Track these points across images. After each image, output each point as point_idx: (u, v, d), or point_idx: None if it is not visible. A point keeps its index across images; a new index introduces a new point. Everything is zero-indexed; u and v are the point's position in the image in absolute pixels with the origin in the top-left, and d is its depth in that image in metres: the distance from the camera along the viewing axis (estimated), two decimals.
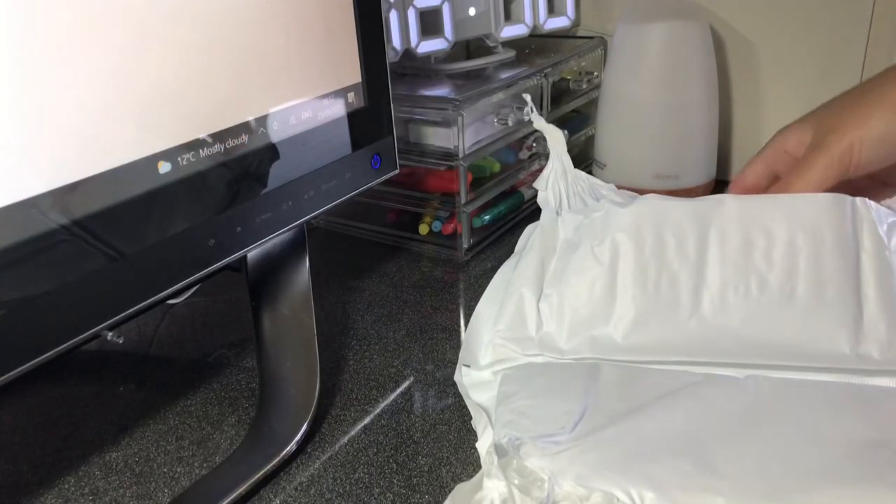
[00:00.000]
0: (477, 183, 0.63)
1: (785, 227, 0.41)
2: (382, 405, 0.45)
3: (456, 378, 0.44)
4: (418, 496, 0.38)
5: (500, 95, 0.61)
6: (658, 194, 0.45)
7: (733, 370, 0.40)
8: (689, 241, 0.42)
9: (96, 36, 0.29)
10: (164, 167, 0.32)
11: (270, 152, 0.38)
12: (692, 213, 0.43)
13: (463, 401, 0.44)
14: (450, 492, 0.36)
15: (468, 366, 0.44)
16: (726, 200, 0.43)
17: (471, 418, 0.43)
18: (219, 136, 0.35)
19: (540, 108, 0.67)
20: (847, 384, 0.39)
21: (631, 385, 0.40)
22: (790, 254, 0.41)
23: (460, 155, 0.58)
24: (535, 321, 0.44)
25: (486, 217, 0.63)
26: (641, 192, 0.66)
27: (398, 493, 0.38)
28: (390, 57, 0.59)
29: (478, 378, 0.43)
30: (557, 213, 0.49)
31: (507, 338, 0.44)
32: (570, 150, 0.52)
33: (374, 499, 0.38)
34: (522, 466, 0.34)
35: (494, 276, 0.48)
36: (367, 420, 0.44)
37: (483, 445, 0.38)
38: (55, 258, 0.29)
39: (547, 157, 0.69)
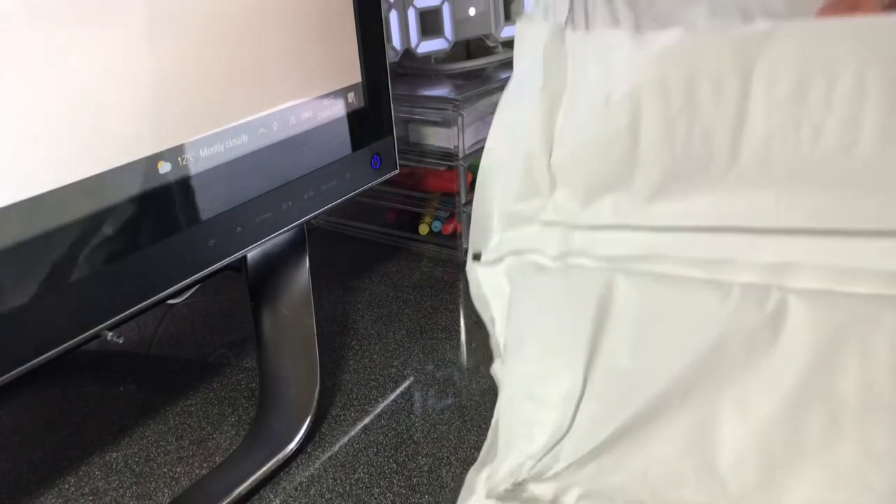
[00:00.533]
0: None
1: (852, 62, 0.33)
2: (382, 405, 0.45)
3: (468, 270, 0.41)
4: (418, 496, 0.38)
5: (499, 95, 0.61)
6: (689, 25, 0.36)
7: (776, 239, 0.34)
8: (729, 87, 0.35)
9: (96, 36, 0.29)
10: (164, 167, 0.32)
11: (270, 152, 0.38)
12: (733, 50, 0.35)
13: (463, 401, 0.44)
14: (450, 492, 0.36)
15: (478, 257, 0.40)
16: (777, 31, 0.34)
17: (470, 417, 0.43)
18: (219, 136, 0.35)
19: None
20: None
21: (649, 325, 0.35)
22: (856, 96, 0.33)
23: (460, 155, 0.58)
24: (548, 183, 0.38)
25: None
26: None
27: (398, 493, 0.38)
28: (390, 57, 0.59)
29: (489, 281, 0.40)
30: (564, 28, 0.39)
31: (516, 210, 0.39)
32: None
33: (374, 499, 0.38)
34: (528, 497, 0.34)
35: (496, 116, 0.41)
36: (367, 420, 0.44)
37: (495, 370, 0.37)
38: (55, 258, 0.29)
39: None
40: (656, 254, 0.37)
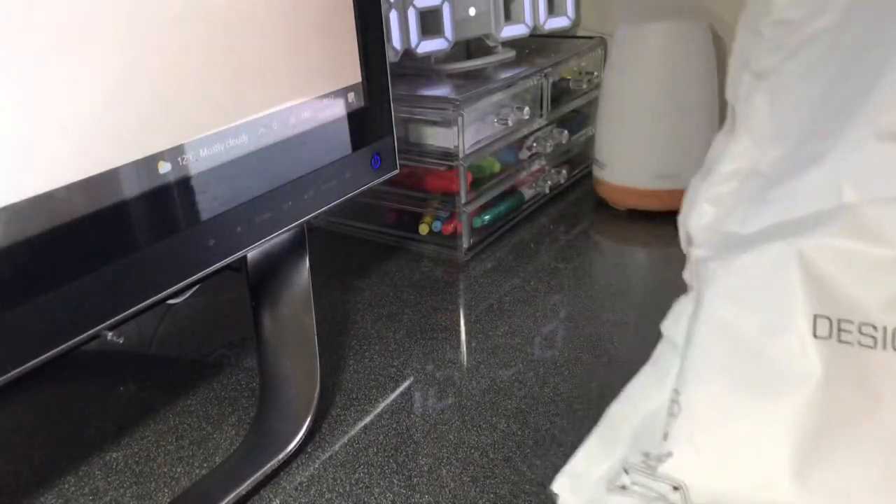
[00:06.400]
0: (477, 183, 0.63)
1: None
2: (382, 405, 0.45)
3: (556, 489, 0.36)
4: (418, 496, 0.38)
5: (499, 95, 0.61)
6: None
7: None
8: None
9: (96, 36, 0.29)
10: (164, 167, 0.32)
11: (270, 152, 0.38)
12: None
13: (463, 400, 0.44)
14: (450, 492, 0.36)
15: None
16: None
17: (470, 417, 0.43)
18: (219, 136, 0.35)
19: (540, 108, 0.67)
20: None
21: None
22: None
23: (460, 155, 0.58)
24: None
25: (486, 217, 0.63)
26: (641, 192, 0.66)
27: (398, 493, 0.38)
28: (390, 57, 0.59)
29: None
30: None
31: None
32: (569, 151, 0.51)
33: (374, 499, 0.38)
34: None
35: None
36: (367, 420, 0.44)
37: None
38: (55, 258, 0.29)
39: (546, 157, 0.69)
40: None
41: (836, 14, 0.35)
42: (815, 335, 0.30)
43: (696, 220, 0.39)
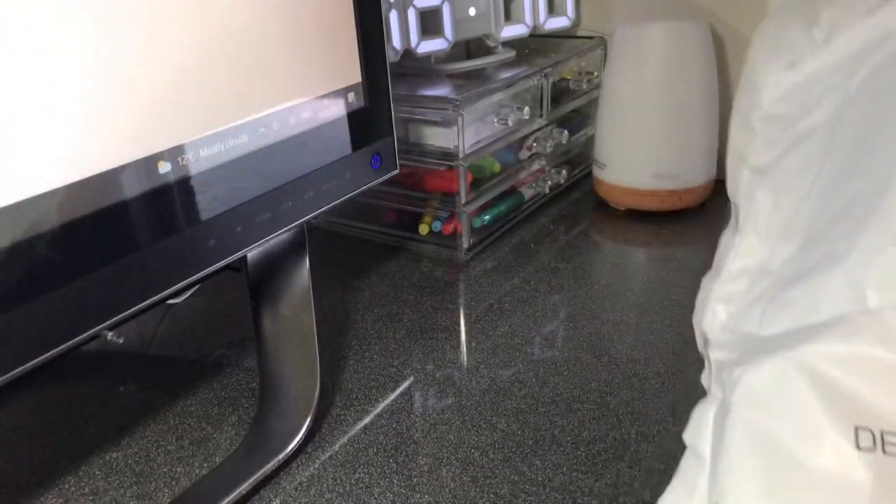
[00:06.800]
0: (477, 183, 0.63)
1: None
2: (382, 405, 0.45)
3: None
4: (418, 496, 0.38)
5: (500, 95, 0.61)
6: None
7: None
8: None
9: (96, 36, 0.29)
10: (164, 167, 0.32)
11: (270, 152, 0.38)
12: None
13: (463, 400, 0.44)
14: (450, 492, 0.36)
15: None
16: None
17: (470, 417, 0.43)
18: (219, 136, 0.35)
19: (540, 108, 0.67)
20: None
21: None
22: None
23: (460, 155, 0.58)
24: None
25: (486, 217, 0.63)
26: (641, 192, 0.66)
27: (398, 493, 0.38)
28: (390, 57, 0.59)
29: None
30: None
31: None
32: (569, 151, 0.51)
33: (374, 499, 0.38)
34: None
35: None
36: (367, 420, 0.44)
37: None
38: (55, 258, 0.29)
39: (546, 157, 0.69)
40: None
41: (827, 112, 0.35)
42: (858, 447, 0.29)
43: (710, 321, 0.38)
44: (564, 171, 0.71)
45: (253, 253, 0.41)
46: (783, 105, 0.37)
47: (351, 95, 0.42)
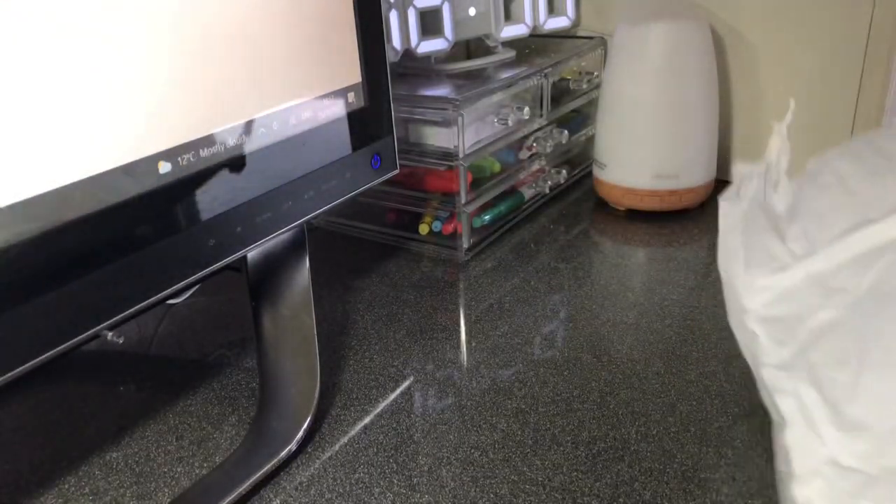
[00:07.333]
0: (477, 183, 0.63)
1: None
2: (382, 405, 0.45)
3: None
4: (418, 496, 0.38)
5: (500, 95, 0.61)
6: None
7: None
8: None
9: (96, 37, 0.29)
10: (164, 167, 0.32)
11: (270, 152, 0.38)
12: None
13: (463, 400, 0.44)
14: (450, 492, 0.36)
15: None
16: None
17: (470, 417, 0.43)
18: (219, 136, 0.35)
19: (540, 108, 0.67)
20: None
21: None
22: None
23: (460, 155, 0.58)
24: None
25: (486, 217, 0.63)
26: (641, 192, 0.66)
27: (398, 493, 0.38)
28: (390, 57, 0.59)
29: None
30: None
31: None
32: (569, 151, 0.51)
33: (374, 499, 0.38)
34: None
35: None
36: (367, 420, 0.44)
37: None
38: (56, 258, 0.29)
39: (546, 157, 0.69)
40: None
41: (839, 309, 0.33)
42: None
43: None
44: (564, 171, 0.71)
45: (253, 253, 0.41)
46: (781, 307, 0.36)
47: (351, 95, 0.42)
